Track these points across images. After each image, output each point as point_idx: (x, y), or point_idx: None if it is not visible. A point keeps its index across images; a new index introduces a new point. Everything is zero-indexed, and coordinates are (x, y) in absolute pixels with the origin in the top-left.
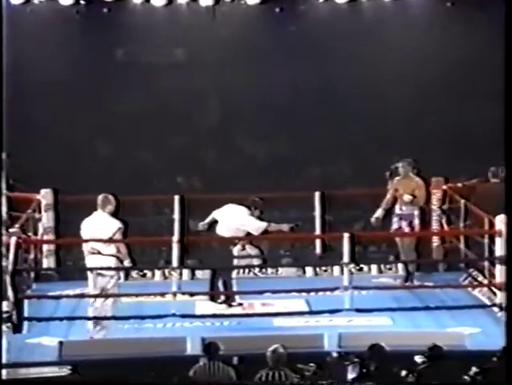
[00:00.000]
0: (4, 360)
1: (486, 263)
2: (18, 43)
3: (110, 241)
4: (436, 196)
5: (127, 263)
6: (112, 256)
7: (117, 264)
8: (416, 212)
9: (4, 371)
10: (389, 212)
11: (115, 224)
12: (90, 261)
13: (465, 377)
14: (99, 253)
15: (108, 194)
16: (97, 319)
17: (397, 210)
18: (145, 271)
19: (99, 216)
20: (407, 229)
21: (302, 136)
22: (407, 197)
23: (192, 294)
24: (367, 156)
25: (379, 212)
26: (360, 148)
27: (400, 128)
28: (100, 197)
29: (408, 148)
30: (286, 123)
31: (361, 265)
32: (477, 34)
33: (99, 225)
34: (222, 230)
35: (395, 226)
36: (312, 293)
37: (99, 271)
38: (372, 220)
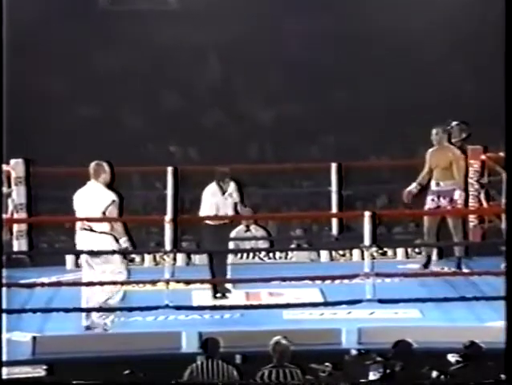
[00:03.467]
0: None
1: None
2: None
3: (87, 219)
4: (473, 167)
5: (123, 242)
6: (105, 233)
7: (112, 243)
8: (457, 187)
9: None
10: (425, 189)
11: (109, 197)
12: (81, 238)
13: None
14: (91, 229)
15: (102, 161)
16: (79, 311)
17: (433, 186)
18: (133, 256)
19: (92, 187)
20: (449, 208)
21: (316, 99)
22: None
23: (188, 282)
24: (392, 121)
25: (412, 186)
26: (384, 113)
27: (431, 92)
28: (92, 165)
29: (439, 114)
30: (298, 83)
31: (385, 249)
32: None
33: (92, 197)
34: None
35: (431, 205)
36: (328, 282)
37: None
38: (404, 193)
